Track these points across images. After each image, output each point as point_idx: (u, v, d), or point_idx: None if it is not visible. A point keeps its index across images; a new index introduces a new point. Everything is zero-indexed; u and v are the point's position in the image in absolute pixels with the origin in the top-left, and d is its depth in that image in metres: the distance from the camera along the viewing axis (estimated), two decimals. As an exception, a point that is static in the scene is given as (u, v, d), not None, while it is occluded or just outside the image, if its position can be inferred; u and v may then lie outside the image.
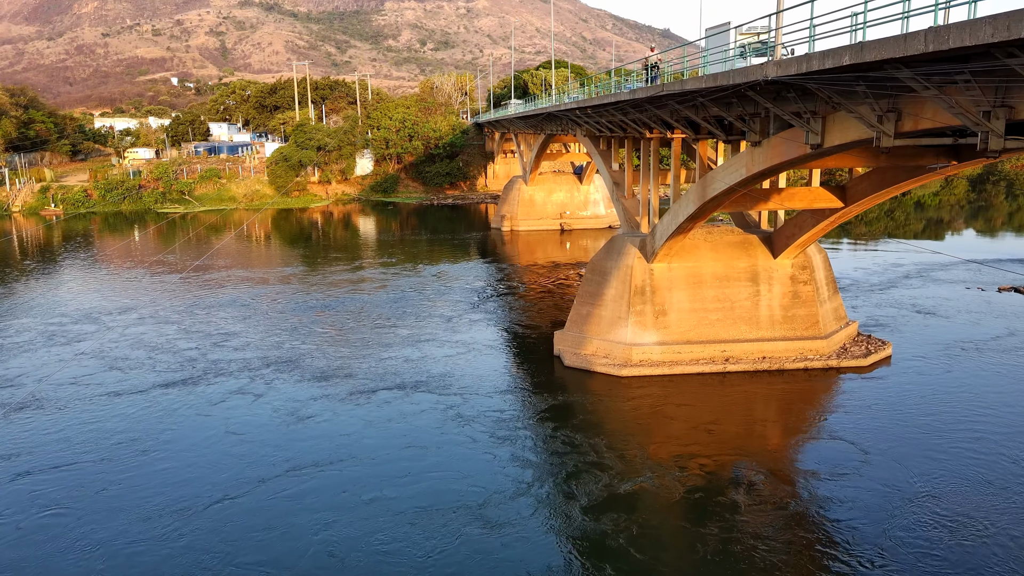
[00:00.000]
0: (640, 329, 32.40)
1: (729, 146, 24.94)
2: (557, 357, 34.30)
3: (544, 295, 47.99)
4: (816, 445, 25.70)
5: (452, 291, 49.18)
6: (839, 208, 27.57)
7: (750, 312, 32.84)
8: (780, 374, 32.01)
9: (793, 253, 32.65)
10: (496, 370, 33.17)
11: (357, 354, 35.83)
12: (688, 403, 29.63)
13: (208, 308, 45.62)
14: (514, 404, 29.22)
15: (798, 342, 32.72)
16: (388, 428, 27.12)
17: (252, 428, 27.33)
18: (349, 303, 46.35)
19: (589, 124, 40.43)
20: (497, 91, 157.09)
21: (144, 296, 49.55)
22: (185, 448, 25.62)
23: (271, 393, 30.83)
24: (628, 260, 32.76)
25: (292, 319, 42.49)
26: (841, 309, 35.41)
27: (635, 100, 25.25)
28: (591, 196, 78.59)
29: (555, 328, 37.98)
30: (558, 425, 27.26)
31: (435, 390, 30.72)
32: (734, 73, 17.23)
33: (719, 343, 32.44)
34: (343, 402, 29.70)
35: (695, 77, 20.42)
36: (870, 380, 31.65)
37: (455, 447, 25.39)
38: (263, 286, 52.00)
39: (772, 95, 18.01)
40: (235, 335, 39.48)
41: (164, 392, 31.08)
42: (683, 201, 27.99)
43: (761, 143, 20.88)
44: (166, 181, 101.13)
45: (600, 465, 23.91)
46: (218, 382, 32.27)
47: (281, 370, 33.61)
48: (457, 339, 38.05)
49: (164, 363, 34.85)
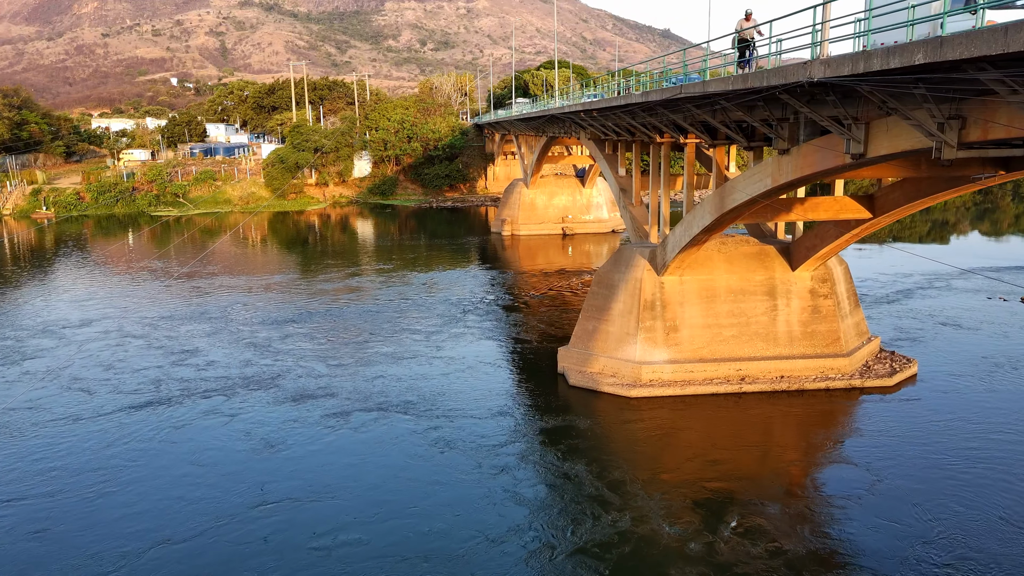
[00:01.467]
0: (650, 346, 30.36)
1: (750, 153, 22.97)
2: (561, 375, 32.26)
3: (546, 305, 45.94)
4: (840, 476, 23.63)
5: (449, 301, 47.11)
6: (867, 219, 25.53)
7: (767, 328, 30.80)
8: (799, 395, 29.97)
9: (813, 265, 30.61)
10: (495, 390, 31.10)
11: (341, 372, 33.62)
12: (701, 428, 27.59)
13: (185, 320, 43.14)
14: (514, 429, 27.16)
15: (818, 360, 30.67)
16: (370, 457, 25.02)
17: (219, 457, 25.18)
18: (338, 314, 44.27)
19: (594, 127, 38.39)
20: (497, 91, 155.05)
21: (119, 306, 47.03)
22: (143, 481, 23.42)
23: (244, 416, 28.68)
24: (637, 272, 30.72)
25: (275, 331, 40.40)
26: (863, 324, 33.37)
27: (647, 103, 23.21)
28: (594, 200, 76.56)
29: (558, 343, 35.94)
30: (561, 454, 25.21)
31: (426, 413, 28.63)
32: (770, 74, 15.11)
33: (734, 361, 30.40)
34: (319, 426, 27.55)
35: (719, 78, 18.36)
36: (896, 401, 29.60)
37: (444, 480, 23.30)
38: (250, 295, 49.91)
39: (806, 97, 15.99)
40: (209, 350, 37.15)
41: (127, 415, 28.75)
42: (698, 212, 25.95)
43: (790, 151, 18.83)
44: (160, 183, 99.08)
45: (605, 500, 21.87)
46: (187, 403, 29.97)
47: (258, 390, 31.43)
48: (453, 354, 35.98)
49: (128, 383, 32.45)
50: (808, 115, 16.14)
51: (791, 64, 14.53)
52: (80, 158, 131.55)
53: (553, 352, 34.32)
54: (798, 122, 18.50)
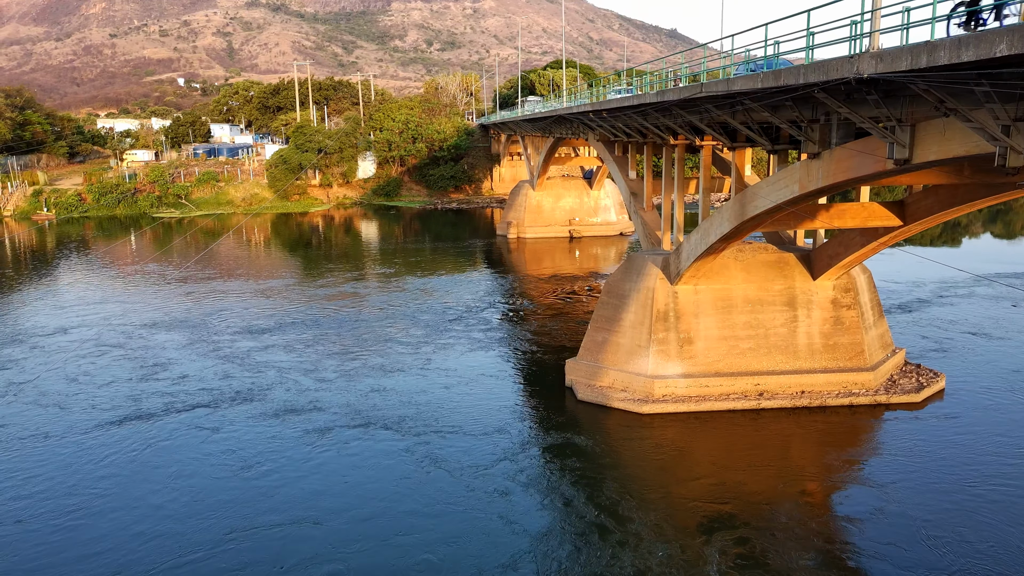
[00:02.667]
0: (663, 359, 28.77)
1: (774, 157, 21.42)
2: (569, 388, 30.70)
3: (553, 312, 44.38)
4: (866, 502, 21.97)
5: (451, 307, 45.58)
6: (896, 227, 23.90)
7: (787, 340, 29.17)
8: (821, 411, 28.32)
9: (836, 274, 28.97)
10: (497, 405, 29.53)
11: (332, 385, 31.97)
12: (717, 447, 26.00)
13: (170, 328, 41.44)
14: (517, 449, 25.58)
15: (841, 374, 29.03)
16: (358, 480, 23.44)
17: (200, 477, 23.68)
18: (334, 321, 42.79)
19: (603, 128, 36.82)
20: (503, 91, 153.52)
21: (100, 312, 45.35)
22: (118, 505, 21.92)
23: (226, 433, 27.10)
24: (649, 282, 29.14)
25: (267, 340, 38.92)
26: (887, 335, 31.70)
27: (663, 103, 21.65)
28: (601, 202, 74.96)
29: (566, 353, 34.39)
30: (567, 477, 23.67)
31: (422, 430, 27.05)
32: (807, 70, 13.51)
33: (752, 375, 28.78)
34: (305, 445, 25.95)
35: (745, 76, 16.79)
36: (925, 420, 27.92)
37: (437, 506, 21.75)
38: (243, 300, 48.50)
39: (843, 96, 14.41)
40: (193, 362, 35.54)
41: (100, 433, 27.11)
42: (715, 218, 24.36)
43: (820, 155, 17.24)
44: (162, 184, 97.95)
45: (613, 528, 20.32)
46: (167, 419, 28.31)
47: (242, 404, 29.86)
48: (453, 366, 34.43)
49: (102, 397, 30.74)
50: (846, 116, 14.51)
51: (837, 59, 12.87)
52: (83, 159, 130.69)
53: (560, 364, 32.77)
54: (830, 124, 16.92)
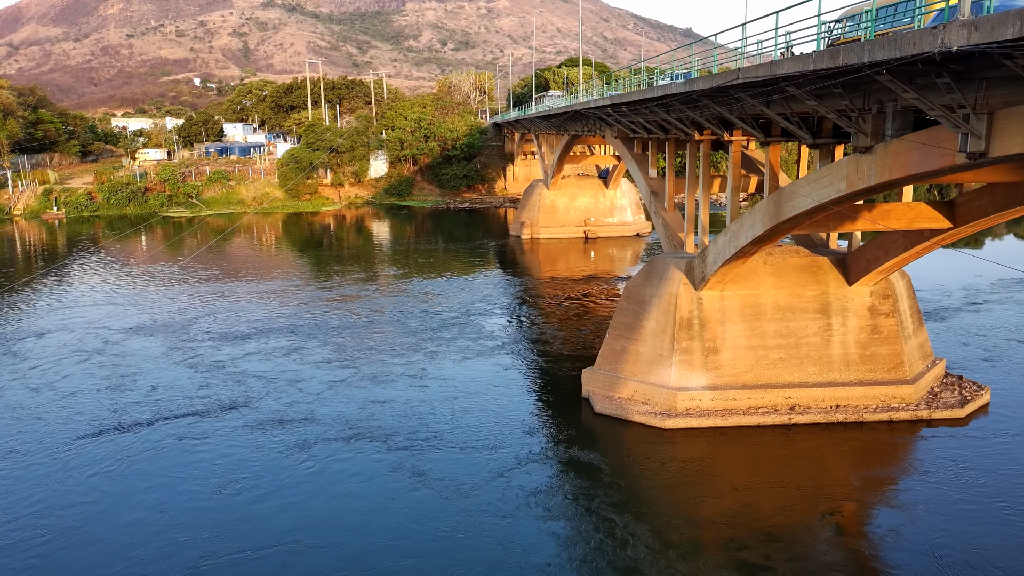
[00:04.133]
0: (686, 370, 26.89)
1: (816, 152, 19.51)
2: (586, 400, 28.89)
3: (568, 317, 42.53)
4: (906, 531, 20.01)
5: (462, 312, 43.83)
6: (945, 229, 21.90)
7: (820, 350, 27.18)
8: (858, 427, 26.31)
9: (874, 279, 26.94)
10: (509, 418, 27.73)
11: (334, 395, 30.24)
12: (744, 466, 24.09)
13: (157, 332, 39.77)
14: (529, 467, 23.79)
15: (879, 387, 26.99)
16: (356, 498, 21.78)
17: (180, 494, 22.08)
18: (340, 326, 41.19)
19: (622, 124, 34.96)
20: (517, 90, 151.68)
21: (93, 314, 43.80)
22: (91, 527, 20.36)
23: (214, 445, 25.52)
24: (672, 287, 27.26)
25: (268, 345, 37.35)
26: (927, 345, 29.60)
27: (691, 93, 19.80)
28: (617, 202, 72.97)
29: (581, 362, 32.59)
30: (584, 495, 21.91)
31: (427, 444, 25.31)
32: (874, 47, 11.55)
33: (782, 388, 26.82)
34: (299, 460, 24.27)
35: (793, 58, 14.88)
36: (969, 437, 25.84)
37: (443, 527, 20.07)
38: (248, 302, 47.03)
39: (906, 78, 12.50)
40: (179, 370, 33.71)
41: (77, 447, 25.53)
42: (746, 220, 22.47)
43: (873, 149, 15.34)
44: (172, 183, 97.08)
45: (633, 554, 18.51)
46: (150, 430, 26.79)
47: (234, 412, 28.31)
48: (463, 374, 32.67)
49: (80, 407, 29.13)
50: (909, 103, 12.61)
51: (908, 32, 10.97)
52: (96, 157, 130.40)
53: (575, 372, 30.96)
54: (884, 114, 15.05)
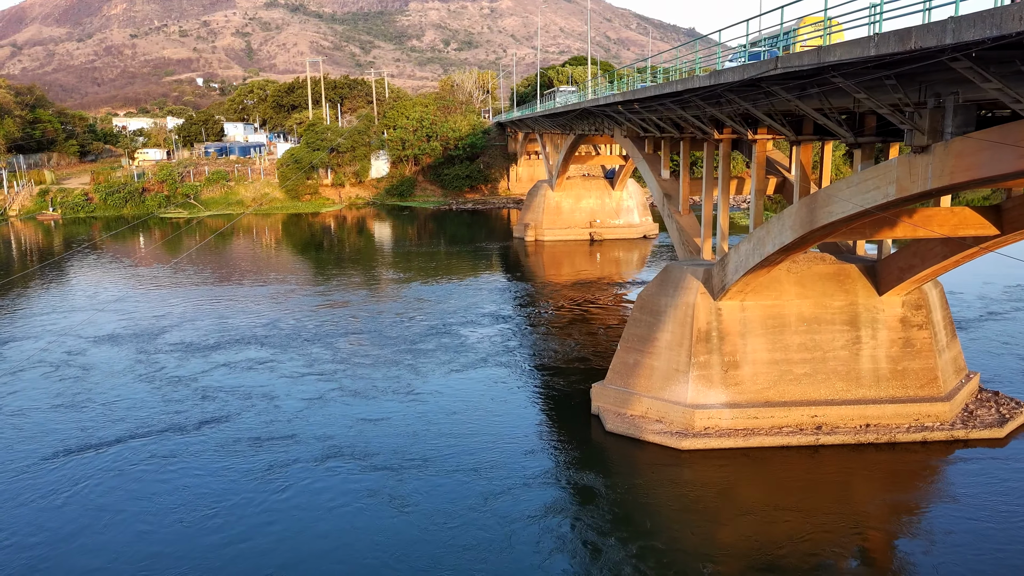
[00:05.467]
0: (704, 386, 25.01)
1: (857, 152, 17.67)
2: (595, 416, 27.02)
3: (574, 324, 40.62)
4: (943, 563, 18.12)
5: (463, 319, 41.94)
6: (992, 236, 20.03)
7: (848, 365, 25.28)
8: (890, 448, 24.41)
9: (906, 289, 25.03)
10: (513, 436, 25.86)
11: (324, 410, 28.29)
12: (767, 493, 22.20)
13: (130, 339, 38.01)
14: (534, 491, 21.93)
15: (911, 405, 25.09)
16: (346, 523, 19.98)
17: (147, 522, 20.32)
18: (336, 333, 39.32)
19: (632, 122, 33.09)
20: (521, 90, 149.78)
21: (69, 322, 41.90)
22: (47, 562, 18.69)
23: (195, 463, 23.80)
24: (689, 296, 25.39)
25: (257, 352, 35.59)
26: (960, 358, 27.69)
27: (716, 87, 17.90)
28: (624, 203, 71.09)
29: (589, 374, 30.78)
30: (594, 523, 20.09)
31: (422, 465, 23.40)
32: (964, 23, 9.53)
33: (808, 405, 24.93)
34: (277, 479, 22.45)
35: (851, 42, 12.94)
36: (1011, 460, 23.91)
37: (443, 556, 18.25)
38: (242, 307, 45.24)
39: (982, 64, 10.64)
40: (151, 382, 32.39)
41: (39, 466, 23.79)
42: (773, 226, 20.60)
43: (930, 148, 13.47)
44: (170, 184, 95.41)
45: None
46: (126, 446, 24.96)
47: (216, 427, 26.46)
48: (464, 387, 30.80)
49: (49, 421, 27.35)
50: (993, 95, 10.70)
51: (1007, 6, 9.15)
52: (95, 157, 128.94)
53: (583, 386, 29.12)
54: (942, 108, 13.19)
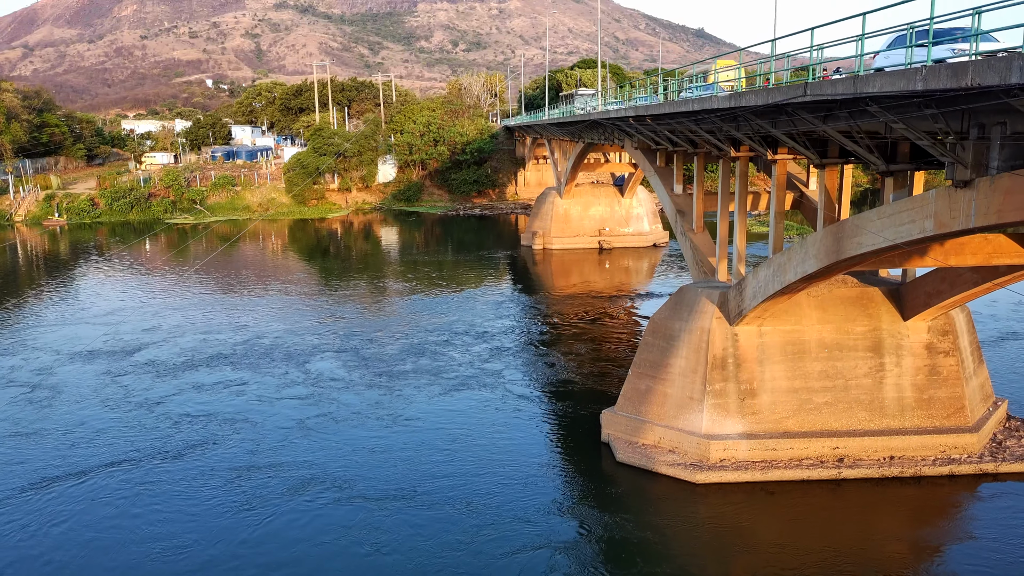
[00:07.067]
0: (720, 415, 23.92)
1: (889, 180, 16.59)
2: (606, 444, 25.96)
3: (583, 341, 39.50)
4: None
5: (467, 334, 40.79)
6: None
7: (871, 393, 24.13)
8: (915, 483, 23.22)
9: (932, 315, 23.85)
10: (517, 465, 24.77)
11: (313, 436, 27.13)
12: (787, 531, 21.10)
13: (110, 358, 37.01)
14: (540, 525, 20.89)
15: (938, 436, 23.90)
16: (333, 562, 19.00)
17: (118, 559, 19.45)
18: (333, 349, 38.33)
19: (643, 135, 32.02)
20: (529, 92, 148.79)
21: (56, 336, 41.27)
22: None
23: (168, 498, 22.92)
24: (704, 321, 24.30)
25: (247, 368, 34.70)
26: (988, 384, 26.48)
27: (736, 110, 16.80)
28: (633, 210, 69.92)
29: (599, 397, 29.74)
30: (599, 566, 19.02)
31: (416, 499, 22.30)
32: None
33: (829, 437, 23.79)
34: (260, 515, 21.48)
35: (895, 73, 11.81)
36: (1045, 495, 22.68)
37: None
38: (243, 321, 44.41)
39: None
40: (116, 408, 31.56)
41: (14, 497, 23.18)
42: (795, 253, 19.52)
43: (974, 183, 12.36)
44: (177, 189, 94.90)
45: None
46: (105, 474, 24.20)
47: (203, 451, 25.55)
48: (465, 410, 29.63)
49: (20, 445, 26.55)
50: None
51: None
52: (103, 161, 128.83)
53: (593, 410, 28.04)
54: (987, 139, 12.07)
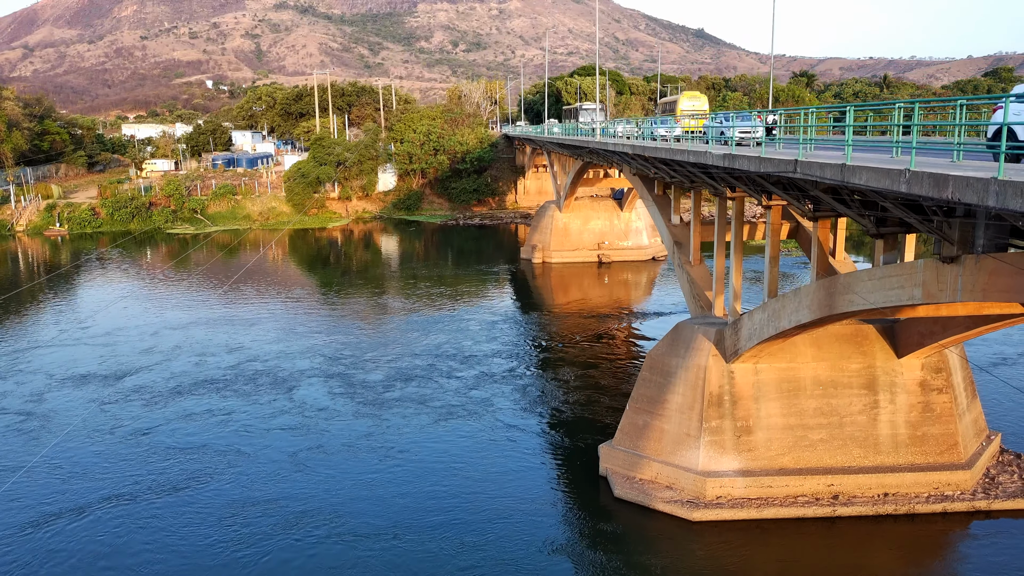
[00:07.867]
0: (716, 452, 24.23)
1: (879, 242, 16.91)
2: (603, 478, 26.27)
3: (582, 363, 39.75)
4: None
5: (463, 355, 40.95)
6: (1020, 314, 19.17)
7: (866, 431, 24.45)
8: (909, 520, 23.54)
9: (927, 353, 24.17)
10: (512, 499, 24.98)
11: (307, 471, 27.09)
12: (783, 570, 21.40)
13: (97, 383, 37.21)
14: (536, 565, 21.17)
15: (931, 473, 24.21)
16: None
17: None
18: (324, 371, 38.63)
19: (643, 167, 32.32)
20: (529, 97, 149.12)
21: (46, 358, 41.98)
22: None
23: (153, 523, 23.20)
24: (700, 358, 24.61)
25: (234, 391, 34.98)
26: (981, 419, 26.81)
27: (733, 170, 17.06)
28: (633, 224, 70.24)
29: (597, 428, 30.03)
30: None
31: (413, 538, 22.60)
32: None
33: (824, 474, 24.10)
34: (253, 555, 21.75)
35: (875, 169, 12.07)
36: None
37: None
38: (238, 339, 44.70)
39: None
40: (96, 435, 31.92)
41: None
42: (790, 301, 19.83)
43: (960, 260, 12.64)
44: (177, 198, 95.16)
45: None
46: (98, 506, 24.65)
47: (188, 482, 25.92)
48: (457, 438, 29.76)
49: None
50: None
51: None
52: (103, 167, 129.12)
53: (591, 441, 28.37)
54: (973, 218, 12.38)
